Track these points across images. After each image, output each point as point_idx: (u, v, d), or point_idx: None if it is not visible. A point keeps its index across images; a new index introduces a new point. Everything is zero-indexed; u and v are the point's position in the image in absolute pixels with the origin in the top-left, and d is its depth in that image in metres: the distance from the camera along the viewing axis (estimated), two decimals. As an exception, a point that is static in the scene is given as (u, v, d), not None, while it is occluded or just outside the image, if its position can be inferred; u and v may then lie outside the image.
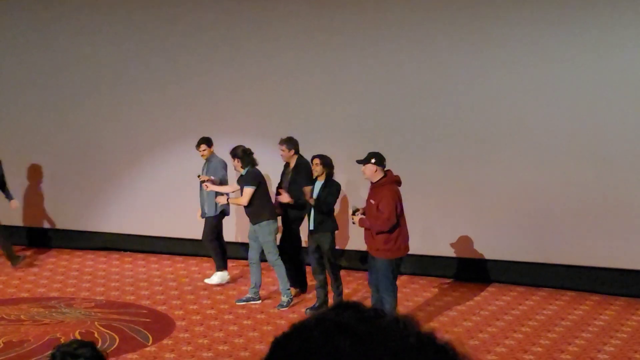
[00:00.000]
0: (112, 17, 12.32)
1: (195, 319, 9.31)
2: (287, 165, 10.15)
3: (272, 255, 9.76)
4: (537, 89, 10.51)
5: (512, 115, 10.62)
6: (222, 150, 10.64)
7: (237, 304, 9.85)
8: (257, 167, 9.85)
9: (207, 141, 10.68)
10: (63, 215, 12.74)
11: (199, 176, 10.67)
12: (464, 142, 10.82)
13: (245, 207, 9.91)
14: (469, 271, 11.02)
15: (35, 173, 12.78)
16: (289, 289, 9.81)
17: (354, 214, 8.70)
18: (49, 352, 3.50)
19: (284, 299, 9.75)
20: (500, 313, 9.73)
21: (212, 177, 10.49)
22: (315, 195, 9.38)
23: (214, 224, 10.70)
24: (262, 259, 9.94)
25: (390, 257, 8.54)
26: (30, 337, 8.53)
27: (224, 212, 10.72)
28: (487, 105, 10.72)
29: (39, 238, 12.76)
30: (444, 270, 11.10)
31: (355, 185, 10.80)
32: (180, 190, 11.94)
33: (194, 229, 11.53)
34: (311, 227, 9.44)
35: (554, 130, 10.44)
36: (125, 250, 12.47)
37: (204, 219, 10.76)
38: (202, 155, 10.69)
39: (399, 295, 8.93)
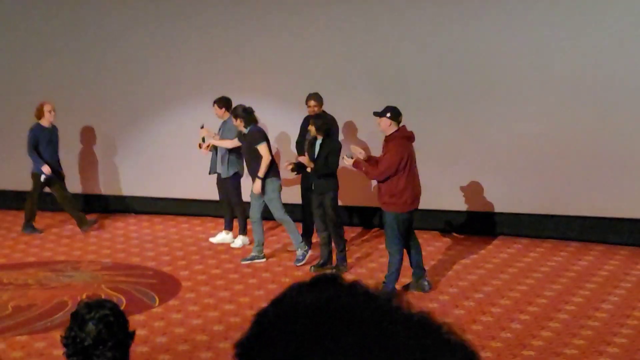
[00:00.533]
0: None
1: (201, 279, 9.37)
2: (307, 119, 10.08)
3: (279, 212, 9.78)
4: (539, 38, 10.44)
5: (516, 66, 10.54)
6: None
7: (242, 263, 9.90)
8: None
9: (225, 102, 10.54)
10: (69, 178, 12.73)
11: (202, 127, 10.65)
12: (466, 95, 10.78)
13: (248, 165, 9.94)
14: (473, 224, 11.04)
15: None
16: (302, 242, 9.83)
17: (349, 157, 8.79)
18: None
19: (299, 252, 9.79)
20: (505, 266, 9.77)
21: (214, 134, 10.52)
22: (316, 155, 9.37)
23: (236, 185, 10.62)
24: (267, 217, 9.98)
25: (396, 211, 8.56)
26: (38, 301, 8.60)
27: (238, 173, 10.66)
28: (490, 57, 10.64)
29: (43, 203, 12.78)
30: (448, 224, 11.13)
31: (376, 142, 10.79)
32: (183, 151, 11.92)
33: (198, 190, 11.57)
34: (312, 187, 9.46)
35: (557, 79, 10.37)
36: (129, 212, 12.51)
37: (220, 179, 10.63)
38: (217, 115, 10.58)
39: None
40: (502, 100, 10.65)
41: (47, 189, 11.38)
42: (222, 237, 10.86)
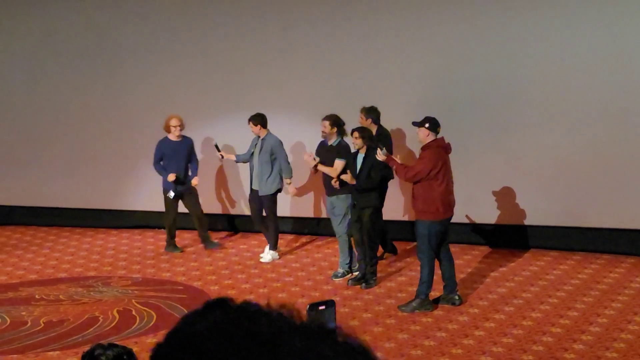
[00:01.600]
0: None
1: (231, 293, 9.40)
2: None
3: (341, 228, 9.80)
4: (567, 52, 10.39)
5: (545, 79, 10.48)
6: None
7: (333, 279, 9.84)
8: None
9: (260, 119, 10.49)
10: (98, 195, 12.86)
11: (216, 145, 10.68)
12: (497, 108, 10.72)
13: (326, 178, 9.95)
14: (502, 237, 10.98)
15: (68, 153, 12.89)
16: (347, 263, 9.85)
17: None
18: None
19: (340, 270, 9.86)
20: (535, 278, 9.69)
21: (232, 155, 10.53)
22: (358, 169, 9.38)
23: (274, 201, 10.64)
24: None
25: (429, 219, 8.57)
26: (69, 316, 8.67)
27: (280, 189, 10.67)
28: (522, 71, 10.60)
29: (74, 219, 12.90)
30: (476, 237, 11.06)
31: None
32: (213, 167, 12.01)
33: (227, 206, 11.61)
34: (354, 201, 9.46)
35: (586, 91, 10.31)
36: (160, 228, 12.57)
37: (257, 196, 10.60)
38: (257, 135, 10.55)
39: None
40: (532, 115, 10.57)
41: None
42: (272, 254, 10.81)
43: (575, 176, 10.47)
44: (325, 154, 9.89)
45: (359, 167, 9.37)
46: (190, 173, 11.09)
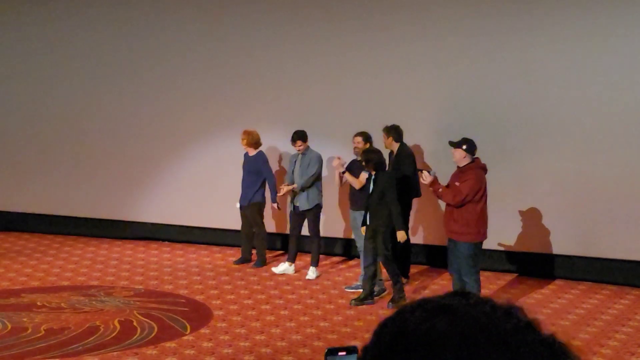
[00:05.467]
0: (155, 1, 12.41)
1: (233, 308, 9.36)
2: (389, 153, 10.24)
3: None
4: (581, 78, 10.37)
5: (581, 107, 10.39)
6: (267, 140, 10.81)
7: (347, 290, 10.01)
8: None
9: (302, 136, 10.66)
10: (103, 205, 12.87)
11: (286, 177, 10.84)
12: (515, 133, 10.65)
13: (352, 192, 10.10)
14: (530, 266, 10.84)
15: (73, 162, 12.90)
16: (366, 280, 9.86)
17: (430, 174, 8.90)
18: None
19: (359, 283, 9.94)
20: (564, 312, 9.47)
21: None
22: (369, 191, 9.37)
23: (318, 215, 10.71)
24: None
25: (471, 241, 8.67)
26: (70, 324, 8.64)
27: (319, 205, 10.71)
28: (534, 96, 10.58)
29: (79, 227, 12.91)
30: (502, 264, 10.93)
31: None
32: (219, 181, 12.02)
33: (231, 219, 11.59)
34: (367, 222, 9.40)
35: (604, 120, 10.23)
36: (163, 240, 12.58)
37: (297, 212, 10.71)
38: (298, 150, 10.69)
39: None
40: (549, 140, 10.50)
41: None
42: (285, 267, 10.85)
43: (593, 205, 10.35)
44: (357, 170, 10.00)
45: (370, 188, 9.37)
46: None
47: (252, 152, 11.12)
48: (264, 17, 11.82)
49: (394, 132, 10.16)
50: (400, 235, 9.26)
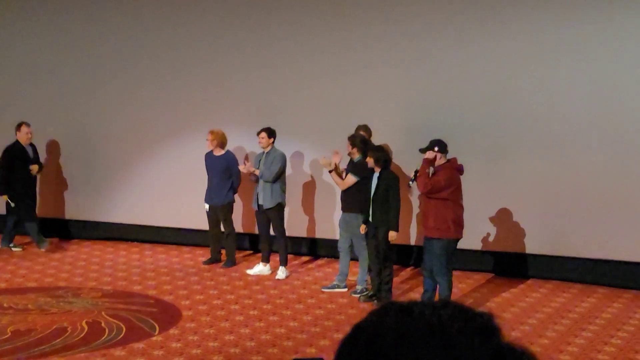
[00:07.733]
0: (123, 6, 12.33)
1: (202, 309, 9.32)
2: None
3: (362, 247, 9.82)
4: (571, 81, 10.33)
5: (552, 109, 10.44)
6: (235, 141, 10.76)
7: (323, 290, 10.06)
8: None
9: (267, 130, 10.59)
10: (71, 205, 12.77)
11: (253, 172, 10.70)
12: (496, 134, 10.68)
13: (342, 193, 10.07)
14: (498, 265, 10.90)
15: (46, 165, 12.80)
16: (366, 280, 9.89)
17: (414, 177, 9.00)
18: None
19: (359, 287, 9.94)
20: (531, 310, 9.50)
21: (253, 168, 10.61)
22: (373, 189, 9.37)
23: (281, 215, 10.67)
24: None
25: (445, 237, 8.77)
26: (37, 326, 8.55)
27: (281, 204, 10.65)
28: (504, 98, 10.62)
29: (47, 228, 12.78)
30: (474, 263, 10.97)
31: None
32: (187, 181, 11.96)
33: (201, 220, 11.55)
34: (370, 220, 9.42)
35: (588, 121, 10.26)
36: (132, 241, 12.50)
37: (260, 212, 10.66)
38: (259, 143, 10.62)
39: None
40: (534, 141, 10.52)
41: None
42: (260, 268, 10.82)
43: (567, 205, 10.41)
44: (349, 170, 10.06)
45: (374, 185, 9.37)
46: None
47: (219, 152, 11.09)
48: (230, 21, 11.79)
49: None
50: (392, 236, 9.30)
